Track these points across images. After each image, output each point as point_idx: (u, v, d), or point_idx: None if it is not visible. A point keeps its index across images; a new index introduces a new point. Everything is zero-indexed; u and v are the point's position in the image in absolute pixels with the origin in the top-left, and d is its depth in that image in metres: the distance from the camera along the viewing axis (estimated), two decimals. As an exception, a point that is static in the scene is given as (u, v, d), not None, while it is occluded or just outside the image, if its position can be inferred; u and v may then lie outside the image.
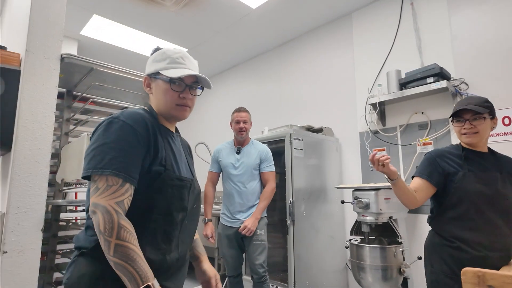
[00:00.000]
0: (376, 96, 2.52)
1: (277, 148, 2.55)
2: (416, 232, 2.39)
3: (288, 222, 2.34)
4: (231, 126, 2.34)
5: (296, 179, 2.40)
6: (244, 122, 2.26)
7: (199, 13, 2.98)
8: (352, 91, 2.90)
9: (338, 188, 2.49)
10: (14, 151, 1.28)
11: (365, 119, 2.74)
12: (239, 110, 2.31)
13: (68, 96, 1.99)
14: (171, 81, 0.89)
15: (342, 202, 2.41)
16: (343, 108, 2.95)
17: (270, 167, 2.23)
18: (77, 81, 1.84)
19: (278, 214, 2.66)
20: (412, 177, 1.49)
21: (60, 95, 1.60)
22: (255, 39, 3.52)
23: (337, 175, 2.84)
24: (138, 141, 0.81)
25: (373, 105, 2.57)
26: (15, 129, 1.30)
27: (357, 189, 2.22)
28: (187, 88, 0.91)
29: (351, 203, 2.24)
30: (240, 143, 2.29)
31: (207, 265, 1.06)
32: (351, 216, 2.69)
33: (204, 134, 4.50)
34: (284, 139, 2.47)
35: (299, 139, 2.49)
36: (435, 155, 1.44)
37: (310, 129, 2.75)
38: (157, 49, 0.96)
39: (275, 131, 2.67)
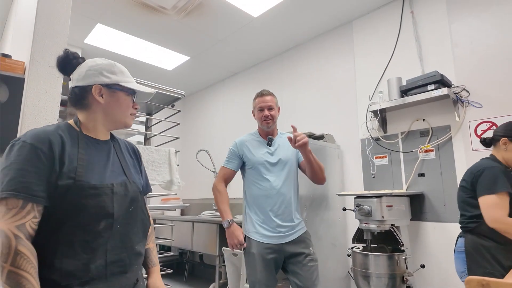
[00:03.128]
0: (377, 103, 2.53)
1: (279, 155, 2.55)
2: (419, 240, 2.37)
3: (290, 229, 2.32)
4: (253, 115, 1.93)
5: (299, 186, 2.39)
6: (270, 108, 1.83)
7: (201, 21, 3.01)
8: (353, 98, 2.91)
9: (340, 195, 2.48)
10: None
11: (367, 126, 2.74)
12: (262, 94, 1.86)
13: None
14: (133, 93, 0.99)
15: (344, 209, 2.40)
16: (344, 115, 2.95)
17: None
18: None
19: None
20: (483, 195, 1.52)
21: (63, 103, 1.61)
22: (256, 47, 3.55)
23: (339, 182, 2.83)
24: (39, 159, 0.79)
25: (374, 112, 2.58)
26: (18, 135, 1.31)
27: (359, 196, 2.21)
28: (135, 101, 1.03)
29: (353, 210, 2.23)
30: (269, 134, 1.88)
31: (153, 280, 1.02)
32: (353, 223, 2.67)
33: (206, 141, 4.51)
34: (285, 146, 2.46)
35: (301, 146, 2.48)
36: (501, 168, 1.55)
37: (311, 136, 2.75)
38: (81, 58, 0.98)
39: (277, 138, 2.67)
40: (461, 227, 1.64)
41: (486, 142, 1.70)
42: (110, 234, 0.87)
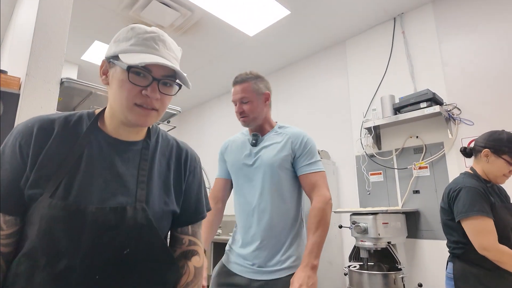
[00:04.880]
0: (371, 120, 2.56)
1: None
2: (416, 258, 2.34)
3: (285, 247, 2.28)
4: None
5: (293, 203, 2.37)
6: (242, 101, 1.35)
7: (198, 39, 3.07)
8: (347, 115, 2.94)
9: (335, 212, 2.46)
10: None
11: (361, 142, 2.76)
12: (234, 83, 1.41)
13: (66, 119, 1.99)
14: (131, 70, 0.63)
15: (340, 226, 2.38)
16: (339, 132, 2.98)
17: (315, 165, 1.28)
18: (75, 105, 1.86)
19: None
20: (464, 216, 1.34)
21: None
22: (252, 65, 3.61)
23: (334, 198, 2.82)
24: (14, 154, 0.62)
25: (368, 129, 2.60)
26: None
27: (355, 213, 2.20)
28: (154, 82, 0.65)
29: (349, 227, 2.21)
30: (256, 130, 1.40)
31: None
32: (349, 241, 2.64)
33: (201, 158, 4.48)
34: (280, 163, 2.46)
35: (296, 163, 2.48)
36: (480, 187, 1.37)
37: (306, 152, 2.76)
38: None
39: (272, 155, 2.67)
40: (449, 251, 1.50)
41: (466, 152, 1.53)
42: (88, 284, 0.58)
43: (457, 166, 2.25)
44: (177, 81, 0.71)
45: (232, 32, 2.93)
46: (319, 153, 2.81)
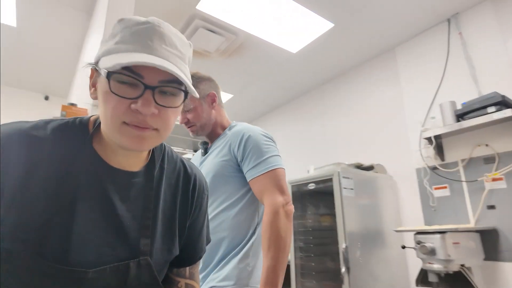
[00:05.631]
0: (431, 130, 2.36)
1: (325, 188, 2.45)
2: (497, 283, 2.04)
3: (343, 270, 2.15)
4: None
5: (348, 221, 2.25)
6: (184, 109, 1.20)
7: (242, 61, 3.15)
8: (402, 125, 2.76)
9: (397, 231, 2.27)
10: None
11: (421, 154, 2.55)
12: None
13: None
14: (112, 77, 0.46)
15: (403, 247, 2.18)
16: (394, 144, 2.79)
17: (261, 166, 1.05)
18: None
19: (330, 260, 2.47)
20: None
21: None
22: (296, 81, 3.60)
23: (394, 216, 2.62)
24: None
25: (428, 139, 2.40)
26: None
27: (419, 232, 2.00)
28: (147, 92, 0.47)
29: (413, 248, 2.01)
30: (209, 138, 1.27)
31: None
32: (414, 263, 2.41)
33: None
34: (332, 178, 2.37)
35: (349, 178, 2.37)
36: None
37: (359, 166, 2.62)
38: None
39: (322, 170, 2.59)
40: None
41: None
42: None
43: (541, 177, 1.95)
44: (184, 87, 0.51)
45: (275, 51, 2.97)
46: (373, 167, 2.65)
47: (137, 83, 0.47)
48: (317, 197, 2.74)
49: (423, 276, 2.01)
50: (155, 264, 0.52)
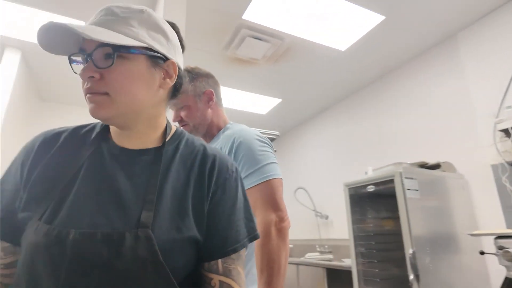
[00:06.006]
0: (507, 120, 2.10)
1: (386, 190, 2.31)
2: None
3: (411, 277, 2.00)
4: None
5: (414, 224, 2.09)
6: (178, 107, 1.14)
7: (290, 65, 3.14)
8: (471, 117, 2.49)
9: (472, 235, 2.05)
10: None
11: (496, 148, 2.27)
12: None
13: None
14: (69, 59, 0.56)
15: (482, 253, 1.96)
16: (462, 139, 2.54)
17: (252, 177, 0.96)
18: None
19: (395, 267, 2.32)
20: None
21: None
22: (347, 79, 3.48)
23: (468, 218, 2.36)
24: (16, 176, 0.55)
25: (505, 131, 2.13)
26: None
27: (501, 236, 1.77)
28: (88, 60, 0.52)
29: (494, 254, 1.79)
30: (204, 138, 1.21)
31: None
32: (496, 270, 2.14)
33: (303, 179, 4.46)
34: (393, 179, 2.22)
35: (412, 178, 2.20)
36: None
37: (424, 165, 2.43)
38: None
39: (381, 171, 2.45)
40: None
41: None
42: None
43: None
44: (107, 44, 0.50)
45: (322, 51, 2.91)
46: (439, 166, 2.43)
47: (82, 57, 0.54)
48: (376, 199, 2.60)
49: (507, 285, 1.78)
50: (158, 240, 0.47)
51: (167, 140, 0.60)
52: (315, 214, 3.93)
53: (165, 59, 0.58)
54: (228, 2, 2.32)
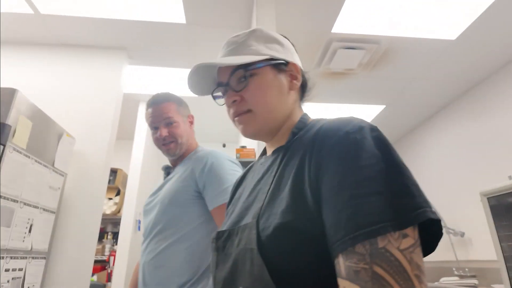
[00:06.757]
0: None
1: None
2: None
3: None
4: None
5: None
6: (168, 123, 1.14)
7: (390, 67, 2.91)
8: None
9: None
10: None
11: None
12: (153, 103, 1.17)
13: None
14: (212, 95, 0.67)
15: None
16: None
17: (224, 193, 0.99)
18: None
19: None
20: None
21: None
22: (463, 72, 2.99)
23: None
24: None
25: None
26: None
27: None
28: (227, 88, 0.62)
29: None
30: (174, 162, 1.22)
31: None
32: None
33: (427, 191, 3.90)
34: (553, 183, 1.74)
35: None
36: None
37: None
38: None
39: (533, 174, 1.95)
40: None
41: None
42: None
43: None
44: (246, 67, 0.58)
45: (428, 45, 2.60)
46: None
47: (220, 88, 0.62)
48: (531, 209, 2.06)
49: None
50: (261, 229, 0.45)
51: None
52: (446, 231, 3.37)
53: (286, 63, 0.62)
54: (316, 20, 2.35)
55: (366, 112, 3.79)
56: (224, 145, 4.69)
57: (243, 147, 1.92)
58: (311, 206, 0.43)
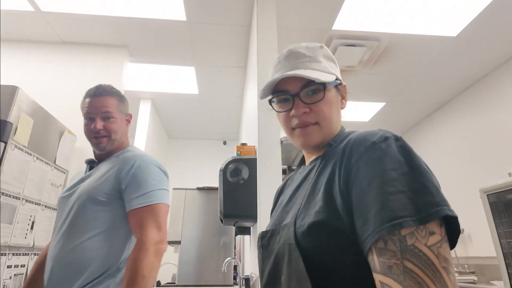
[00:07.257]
0: None
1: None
2: None
3: None
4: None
5: None
6: (105, 117, 1.12)
7: (391, 64, 2.91)
8: None
9: None
10: (259, 223, 1.57)
11: None
12: (94, 94, 1.13)
13: (289, 170, 2.32)
14: (270, 101, 0.67)
15: None
16: None
17: (143, 198, 1.01)
18: (294, 157, 2.15)
19: None
20: None
21: (283, 171, 1.89)
22: (463, 69, 2.99)
23: None
24: None
25: None
26: (258, 205, 1.62)
27: None
28: (296, 98, 0.62)
29: None
30: (100, 157, 1.17)
31: None
32: None
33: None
34: (552, 180, 1.74)
35: None
36: None
37: None
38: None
39: (532, 171, 1.95)
40: None
41: None
42: None
43: None
44: (321, 80, 0.60)
45: (429, 42, 2.60)
46: None
47: (287, 97, 0.63)
48: (531, 206, 2.07)
49: None
50: (298, 227, 0.53)
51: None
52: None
53: (341, 83, 0.67)
54: (316, 17, 2.35)
55: (367, 109, 3.79)
56: (224, 143, 4.69)
57: (244, 144, 1.93)
58: (340, 208, 0.50)
